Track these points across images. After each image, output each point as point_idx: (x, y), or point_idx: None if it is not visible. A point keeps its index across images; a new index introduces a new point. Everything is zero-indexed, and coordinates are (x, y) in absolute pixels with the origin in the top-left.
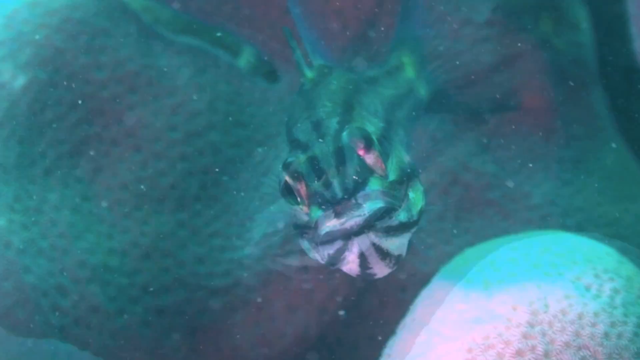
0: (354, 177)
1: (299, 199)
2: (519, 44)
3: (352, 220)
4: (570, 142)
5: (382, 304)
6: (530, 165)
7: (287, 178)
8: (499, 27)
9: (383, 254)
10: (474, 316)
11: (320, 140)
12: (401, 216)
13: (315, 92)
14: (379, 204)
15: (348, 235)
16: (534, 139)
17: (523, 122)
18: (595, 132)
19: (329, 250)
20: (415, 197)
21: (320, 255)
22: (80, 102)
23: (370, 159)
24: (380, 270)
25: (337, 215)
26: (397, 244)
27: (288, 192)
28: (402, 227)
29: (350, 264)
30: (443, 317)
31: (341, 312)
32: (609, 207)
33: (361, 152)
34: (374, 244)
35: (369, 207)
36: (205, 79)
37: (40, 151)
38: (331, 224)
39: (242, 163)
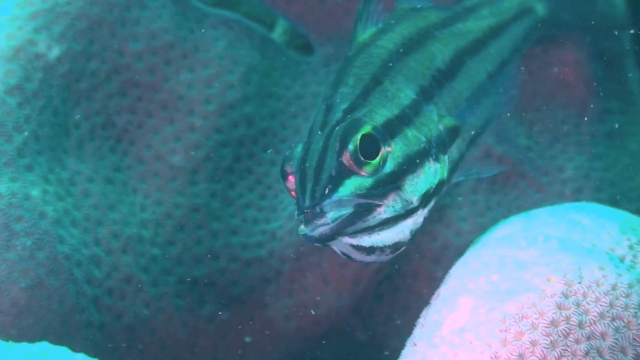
0: (326, 184)
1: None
2: None
3: (317, 230)
4: (604, 116)
5: (416, 275)
6: (564, 139)
7: (281, 171)
8: None
9: (368, 250)
10: (508, 287)
11: (319, 132)
12: (387, 212)
13: (352, 62)
14: (344, 211)
15: (321, 242)
16: (568, 112)
17: (557, 96)
18: (628, 107)
19: (317, 244)
20: (418, 182)
21: None
22: (114, 73)
23: (352, 158)
24: (377, 258)
25: (305, 222)
26: (389, 235)
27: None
28: (391, 221)
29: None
30: (477, 288)
31: (375, 284)
32: None
33: (343, 152)
34: (352, 245)
35: (332, 216)
36: (239, 51)
37: (75, 122)
38: (301, 228)
39: (276, 135)
